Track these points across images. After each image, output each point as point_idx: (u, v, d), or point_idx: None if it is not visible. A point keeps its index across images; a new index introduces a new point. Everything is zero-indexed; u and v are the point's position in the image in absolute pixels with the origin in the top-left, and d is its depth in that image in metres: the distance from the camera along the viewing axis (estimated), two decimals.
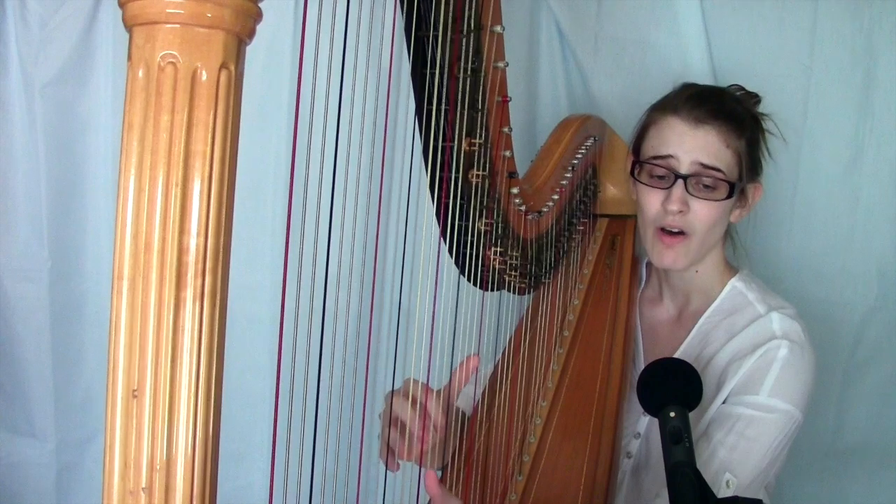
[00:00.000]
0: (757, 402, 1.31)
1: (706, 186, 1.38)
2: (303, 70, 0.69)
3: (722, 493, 1.26)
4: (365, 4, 0.82)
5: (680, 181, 1.38)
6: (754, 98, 1.51)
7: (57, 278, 1.96)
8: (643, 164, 1.44)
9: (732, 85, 1.51)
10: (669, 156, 1.39)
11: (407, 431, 1.21)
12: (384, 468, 1.23)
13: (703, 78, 1.89)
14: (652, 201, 1.43)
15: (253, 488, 2.11)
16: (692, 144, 1.38)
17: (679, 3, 1.93)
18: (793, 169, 1.92)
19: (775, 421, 1.31)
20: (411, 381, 1.23)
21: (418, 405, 1.21)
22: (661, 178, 1.41)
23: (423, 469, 1.18)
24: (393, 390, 1.24)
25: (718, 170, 1.37)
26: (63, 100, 1.90)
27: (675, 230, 1.41)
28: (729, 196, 1.38)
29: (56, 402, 2.00)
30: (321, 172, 0.76)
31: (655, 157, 1.42)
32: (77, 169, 1.96)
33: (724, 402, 1.35)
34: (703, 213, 1.39)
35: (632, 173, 1.48)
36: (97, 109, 1.95)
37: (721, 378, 1.37)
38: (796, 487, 2.00)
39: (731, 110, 1.41)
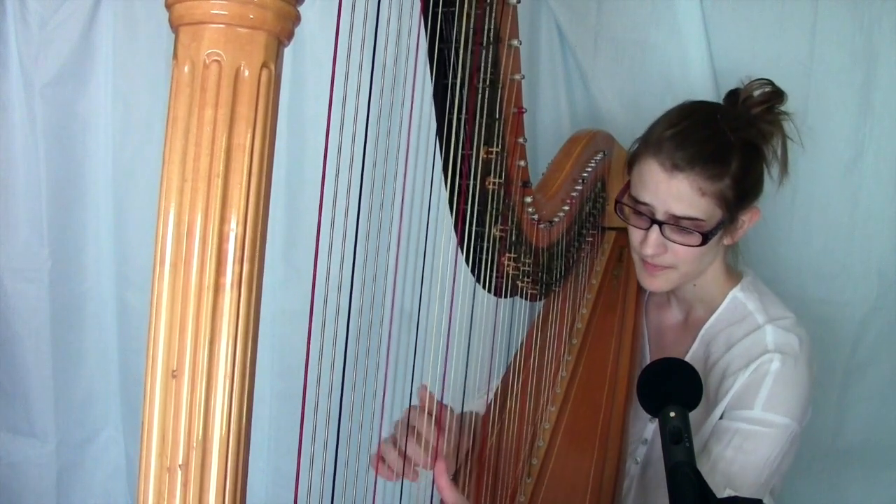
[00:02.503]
0: (752, 417, 1.32)
1: (683, 229, 1.36)
2: (335, 76, 0.70)
3: None
4: (393, 18, 0.83)
5: (655, 226, 1.38)
6: (774, 100, 1.44)
7: (57, 278, 1.96)
8: (624, 204, 1.45)
9: (757, 80, 1.45)
10: (646, 203, 1.39)
11: (423, 442, 1.23)
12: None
13: (703, 78, 1.89)
14: (635, 236, 1.44)
15: (252, 489, 2.10)
16: (665, 195, 1.35)
17: (679, 3, 1.92)
18: (793, 169, 1.91)
19: (771, 435, 1.31)
20: (426, 392, 1.24)
21: (433, 419, 1.24)
22: (640, 217, 1.41)
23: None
24: (411, 405, 1.26)
25: (692, 218, 1.35)
26: (63, 100, 1.91)
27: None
28: (704, 242, 1.36)
29: (56, 402, 2.01)
30: (350, 181, 0.77)
31: (635, 201, 1.41)
32: (77, 169, 1.96)
33: (721, 418, 1.35)
34: (681, 252, 1.39)
35: (615, 209, 1.49)
36: (97, 109, 1.95)
37: (718, 390, 1.38)
38: (796, 487, 2.00)
39: (712, 152, 1.34)
